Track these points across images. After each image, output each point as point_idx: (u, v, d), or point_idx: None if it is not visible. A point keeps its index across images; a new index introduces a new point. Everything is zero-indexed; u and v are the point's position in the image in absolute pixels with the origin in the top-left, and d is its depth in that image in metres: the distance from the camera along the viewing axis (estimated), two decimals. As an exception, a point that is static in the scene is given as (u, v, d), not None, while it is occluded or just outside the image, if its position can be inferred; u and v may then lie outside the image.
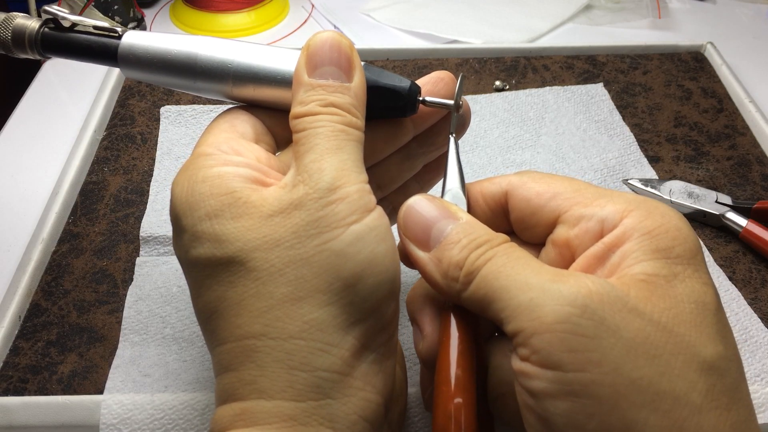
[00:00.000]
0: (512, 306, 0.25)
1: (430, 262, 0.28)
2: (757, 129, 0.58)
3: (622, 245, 0.26)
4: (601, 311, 0.23)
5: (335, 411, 0.26)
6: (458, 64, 0.65)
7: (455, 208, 0.29)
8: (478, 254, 0.26)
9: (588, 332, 0.23)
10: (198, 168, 0.28)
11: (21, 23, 0.33)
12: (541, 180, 0.30)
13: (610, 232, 0.27)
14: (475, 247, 0.27)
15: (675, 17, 0.80)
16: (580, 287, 0.24)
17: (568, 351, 0.23)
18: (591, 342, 0.23)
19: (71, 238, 0.48)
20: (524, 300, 0.24)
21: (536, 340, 0.24)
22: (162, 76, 0.32)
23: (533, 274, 0.25)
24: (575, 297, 0.24)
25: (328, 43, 0.29)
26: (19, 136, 0.60)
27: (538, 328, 0.24)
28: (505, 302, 0.25)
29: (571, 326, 0.23)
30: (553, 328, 0.23)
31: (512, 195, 0.31)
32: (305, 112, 0.28)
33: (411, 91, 0.31)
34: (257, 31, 0.76)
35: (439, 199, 0.29)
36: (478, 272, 0.26)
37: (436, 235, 0.28)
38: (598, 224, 0.27)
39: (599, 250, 0.27)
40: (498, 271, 0.26)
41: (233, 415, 0.26)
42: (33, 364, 0.40)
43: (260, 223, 0.27)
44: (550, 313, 0.24)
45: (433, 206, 0.29)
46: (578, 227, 0.28)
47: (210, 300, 0.27)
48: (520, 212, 0.30)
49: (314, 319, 0.26)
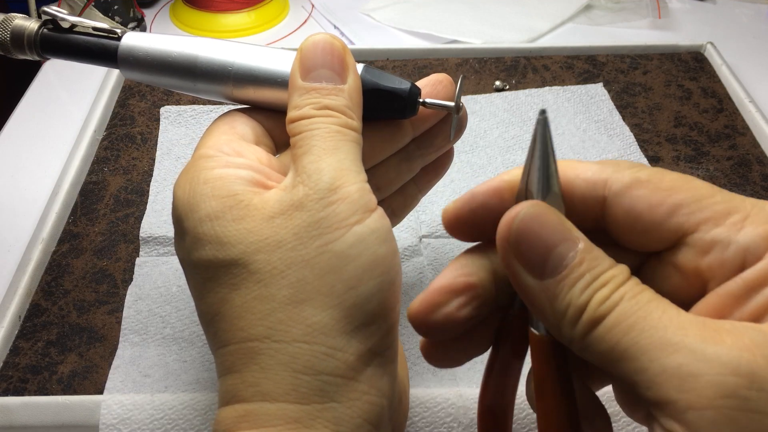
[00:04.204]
0: (652, 370, 0.20)
1: (542, 294, 0.23)
2: (757, 129, 0.58)
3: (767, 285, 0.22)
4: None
5: (340, 414, 0.26)
6: (458, 64, 0.65)
7: (572, 226, 0.23)
8: (602, 297, 0.22)
9: (761, 407, 0.19)
10: (199, 170, 0.28)
11: (20, 24, 0.33)
12: (650, 184, 0.24)
13: (753, 266, 0.22)
14: (599, 286, 0.22)
15: (675, 17, 0.79)
16: (741, 349, 0.20)
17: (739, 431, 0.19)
18: (766, 419, 0.19)
19: (71, 238, 0.48)
20: (670, 365, 0.20)
21: (694, 417, 0.20)
22: (162, 78, 0.32)
23: (675, 329, 0.21)
24: (738, 363, 0.19)
25: (320, 46, 0.29)
26: (19, 136, 0.60)
27: (695, 403, 0.19)
28: (642, 364, 0.21)
29: (740, 402, 0.19)
30: (715, 404, 0.19)
31: (615, 204, 0.24)
32: (300, 116, 0.28)
33: (411, 93, 0.31)
34: (257, 31, 0.76)
35: (557, 212, 0.23)
36: (602, 321, 0.21)
37: (555, 264, 0.22)
38: (739, 254, 0.22)
39: (737, 288, 0.22)
40: (630, 323, 0.21)
41: (236, 416, 0.26)
42: (33, 364, 0.40)
43: (262, 225, 0.26)
44: (709, 386, 0.19)
45: (554, 224, 0.23)
46: (712, 256, 0.23)
47: (212, 302, 0.27)
48: (626, 226, 0.24)
49: (317, 322, 0.26)
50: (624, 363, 0.21)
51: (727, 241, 0.23)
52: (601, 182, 0.24)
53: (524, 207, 0.23)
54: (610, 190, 0.24)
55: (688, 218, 0.23)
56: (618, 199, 0.24)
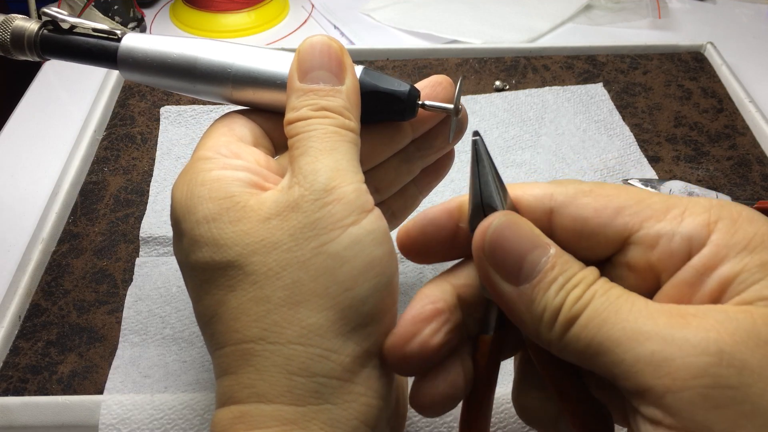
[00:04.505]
0: (628, 361, 0.21)
1: (519, 300, 0.24)
2: (757, 129, 0.58)
3: (717, 268, 0.23)
4: (739, 354, 0.20)
5: (336, 416, 0.26)
6: (458, 64, 0.65)
7: (541, 233, 0.25)
8: (575, 297, 0.23)
9: (732, 382, 0.20)
10: (197, 172, 0.28)
11: (20, 25, 0.33)
12: (593, 193, 0.25)
13: (698, 253, 0.23)
14: (571, 287, 0.23)
15: (675, 17, 0.79)
16: (708, 330, 0.21)
17: (715, 408, 0.20)
18: (738, 393, 0.20)
19: (71, 238, 0.48)
20: (644, 353, 0.21)
21: (672, 400, 0.20)
22: (162, 79, 0.32)
23: (645, 319, 0.22)
24: (706, 344, 0.20)
25: (317, 48, 0.29)
26: (19, 136, 0.60)
27: (670, 386, 0.20)
28: (617, 356, 0.21)
29: (712, 379, 0.20)
30: (690, 385, 0.20)
31: (560, 214, 0.25)
32: (298, 117, 0.28)
33: (410, 95, 0.31)
34: (257, 31, 0.76)
35: (527, 221, 0.25)
36: (577, 320, 0.23)
37: (529, 270, 0.24)
38: (684, 244, 0.23)
39: (689, 276, 0.23)
40: (602, 318, 0.22)
41: (232, 417, 0.26)
42: (33, 364, 0.40)
43: (258, 227, 0.26)
44: (682, 368, 0.20)
45: (526, 232, 0.24)
46: (660, 249, 0.24)
47: (209, 304, 0.27)
48: (574, 233, 0.25)
49: (312, 323, 0.26)
50: (601, 357, 0.22)
51: (672, 233, 0.24)
52: (548, 196, 0.26)
53: (496, 217, 0.24)
54: (556, 201, 0.26)
55: (631, 218, 0.24)
56: (564, 209, 0.25)
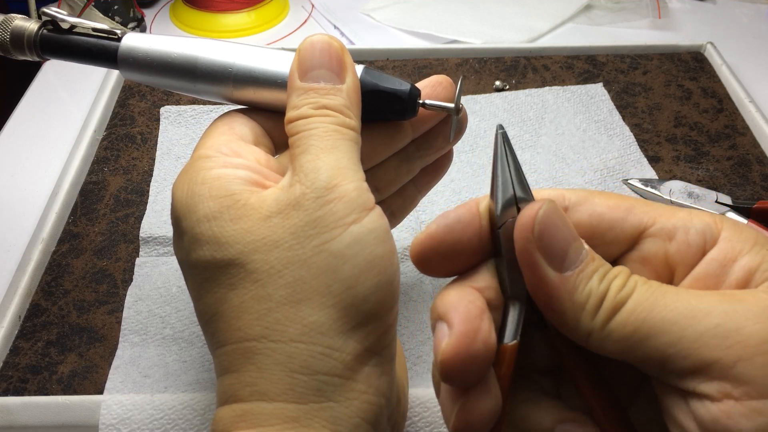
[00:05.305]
0: (688, 337, 0.21)
1: (562, 287, 0.23)
2: (757, 129, 0.58)
3: (737, 259, 0.23)
4: None
5: (338, 414, 0.26)
6: (458, 64, 0.65)
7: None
8: (619, 284, 0.23)
9: None
10: (197, 170, 0.28)
11: (20, 25, 0.33)
12: (603, 194, 0.26)
13: (715, 246, 0.24)
14: (613, 276, 0.23)
15: (675, 17, 0.79)
16: (762, 299, 0.21)
17: None
18: None
19: (71, 238, 0.48)
20: (707, 327, 0.21)
21: (744, 368, 0.20)
22: (162, 79, 0.32)
23: (697, 300, 0.22)
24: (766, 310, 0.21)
25: (318, 47, 0.29)
26: (19, 136, 0.60)
27: (742, 354, 0.20)
28: (673, 335, 0.21)
29: None
30: (763, 350, 0.20)
31: (576, 211, 0.26)
32: (298, 116, 0.29)
33: (411, 95, 0.31)
34: (257, 31, 0.76)
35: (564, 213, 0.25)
36: (623, 306, 0.23)
37: (573, 257, 0.23)
38: (700, 236, 0.24)
39: (712, 267, 0.24)
40: (651, 302, 0.22)
41: (234, 416, 0.26)
42: (33, 364, 0.40)
43: (259, 225, 0.27)
44: (753, 334, 0.21)
45: (568, 221, 0.24)
46: (677, 240, 0.24)
47: (210, 302, 0.27)
48: (590, 229, 0.25)
49: (314, 321, 0.26)
50: (652, 340, 0.22)
51: (688, 225, 0.24)
52: (560, 196, 0.26)
53: (544, 203, 0.24)
54: (570, 200, 0.26)
55: (644, 215, 0.25)
56: (579, 206, 0.26)
